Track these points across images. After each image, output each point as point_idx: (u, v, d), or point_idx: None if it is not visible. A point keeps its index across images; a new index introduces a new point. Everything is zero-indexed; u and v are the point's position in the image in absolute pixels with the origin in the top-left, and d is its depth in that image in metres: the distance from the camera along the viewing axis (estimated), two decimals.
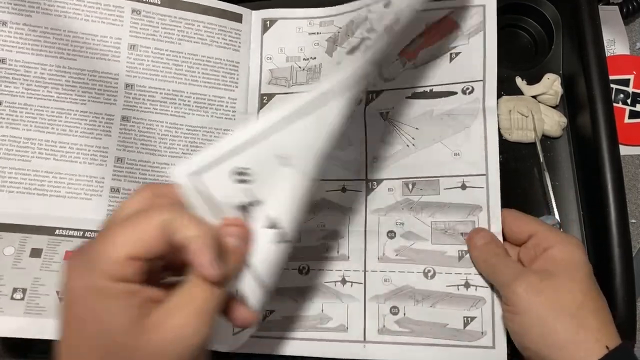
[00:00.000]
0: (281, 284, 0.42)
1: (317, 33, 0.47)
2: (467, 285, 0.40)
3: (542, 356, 0.35)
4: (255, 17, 0.48)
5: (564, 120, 0.46)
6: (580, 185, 0.45)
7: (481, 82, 0.43)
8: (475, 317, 0.40)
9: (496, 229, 0.41)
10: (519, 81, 0.48)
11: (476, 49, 0.43)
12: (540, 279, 0.36)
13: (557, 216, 0.43)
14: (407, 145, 0.44)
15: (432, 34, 0.44)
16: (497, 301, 0.39)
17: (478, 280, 0.40)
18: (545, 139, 0.46)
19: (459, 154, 0.42)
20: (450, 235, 0.41)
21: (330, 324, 0.41)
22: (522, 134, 0.46)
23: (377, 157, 0.44)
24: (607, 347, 0.33)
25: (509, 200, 0.42)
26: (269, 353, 0.41)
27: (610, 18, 0.52)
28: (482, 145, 0.42)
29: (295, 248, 0.43)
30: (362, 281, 0.42)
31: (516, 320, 0.36)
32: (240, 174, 0.31)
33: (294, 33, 0.47)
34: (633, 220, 0.48)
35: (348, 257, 0.42)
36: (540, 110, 0.46)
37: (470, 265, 0.41)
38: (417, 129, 0.44)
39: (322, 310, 0.42)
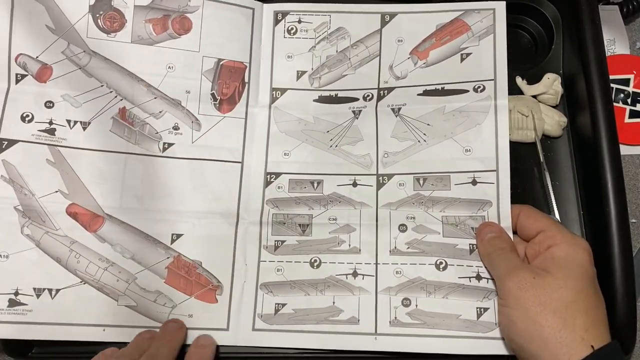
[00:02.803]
0: (292, 277, 0.44)
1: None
2: (478, 277, 0.42)
3: (528, 351, 0.36)
4: (266, 10, 0.49)
5: (564, 120, 0.47)
6: (580, 184, 0.46)
7: (492, 82, 0.45)
8: (488, 309, 0.41)
9: (506, 224, 0.43)
10: (519, 81, 0.48)
11: (486, 50, 0.46)
12: (533, 275, 0.37)
13: (557, 216, 0.45)
14: (419, 141, 0.45)
15: (443, 34, 0.47)
16: None
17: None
18: (546, 138, 0.48)
19: (470, 150, 0.44)
20: (461, 229, 0.43)
21: (341, 316, 0.43)
22: (522, 134, 0.46)
23: (388, 152, 0.46)
24: (592, 347, 0.34)
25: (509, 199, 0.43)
26: (280, 346, 0.42)
27: (610, 18, 0.53)
28: (493, 142, 0.44)
29: (306, 241, 0.44)
30: (374, 274, 0.43)
31: (505, 313, 0.38)
32: None
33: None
34: (633, 220, 0.49)
35: (359, 250, 0.44)
36: (540, 110, 0.46)
37: None
38: (428, 125, 0.45)
39: (334, 303, 0.43)
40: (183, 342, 0.43)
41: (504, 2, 0.46)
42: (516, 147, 0.47)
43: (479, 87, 0.45)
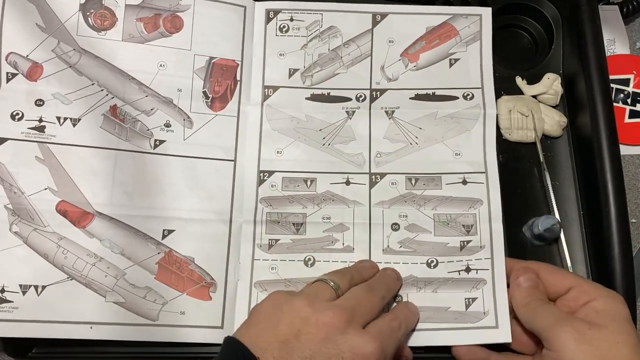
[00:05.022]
0: (287, 275, 0.44)
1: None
2: (468, 269, 0.43)
3: None
4: (258, 8, 0.50)
5: (564, 120, 0.47)
6: (580, 184, 0.47)
7: (480, 90, 0.47)
8: (477, 298, 0.42)
9: (497, 226, 0.44)
10: (519, 81, 0.49)
11: (473, 57, 0.48)
12: (588, 326, 0.37)
13: (557, 216, 0.45)
14: (411, 144, 0.47)
15: (433, 37, 0.48)
16: (498, 281, 0.42)
17: (479, 264, 0.43)
18: (545, 138, 0.48)
19: (459, 154, 0.46)
20: (453, 227, 0.44)
21: None
22: (522, 134, 0.47)
23: (380, 153, 0.47)
24: None
25: (509, 200, 0.45)
26: None
27: (610, 18, 0.54)
28: (481, 148, 0.46)
29: (300, 240, 0.45)
30: None
31: None
32: None
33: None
34: (633, 220, 0.49)
35: (353, 249, 0.45)
36: (540, 110, 0.47)
37: (471, 252, 0.44)
38: (420, 128, 0.47)
39: None
40: (396, 292, 0.43)
41: (490, 9, 0.48)
42: (516, 147, 0.48)
43: (468, 94, 0.47)
